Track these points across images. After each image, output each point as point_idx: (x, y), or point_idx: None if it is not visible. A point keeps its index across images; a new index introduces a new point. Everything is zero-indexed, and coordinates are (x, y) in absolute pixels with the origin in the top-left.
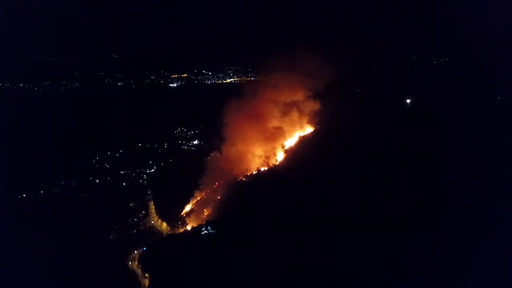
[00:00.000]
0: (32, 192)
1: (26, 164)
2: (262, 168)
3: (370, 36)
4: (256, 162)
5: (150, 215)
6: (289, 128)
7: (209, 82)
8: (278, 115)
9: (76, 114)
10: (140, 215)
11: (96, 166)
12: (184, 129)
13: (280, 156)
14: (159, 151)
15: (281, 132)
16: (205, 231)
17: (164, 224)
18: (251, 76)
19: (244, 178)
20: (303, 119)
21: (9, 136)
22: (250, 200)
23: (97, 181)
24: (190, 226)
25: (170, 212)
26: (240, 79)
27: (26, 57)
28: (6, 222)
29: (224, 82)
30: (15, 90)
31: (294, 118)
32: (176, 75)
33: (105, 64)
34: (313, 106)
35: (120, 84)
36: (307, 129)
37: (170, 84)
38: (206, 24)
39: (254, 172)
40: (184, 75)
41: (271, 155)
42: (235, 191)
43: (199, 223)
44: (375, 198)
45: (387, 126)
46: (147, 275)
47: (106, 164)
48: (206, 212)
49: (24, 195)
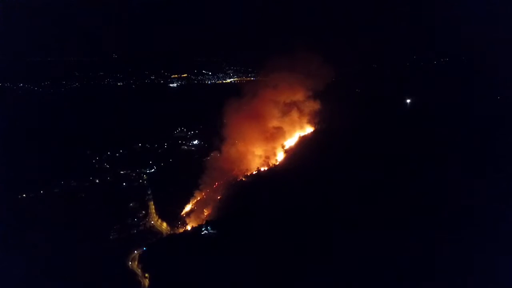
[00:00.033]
0: (32, 192)
1: (26, 164)
2: (262, 168)
3: (370, 36)
4: (256, 162)
5: (150, 215)
6: (289, 128)
7: (209, 82)
8: (278, 115)
9: (76, 114)
10: (140, 215)
11: (96, 166)
12: (184, 129)
13: (280, 156)
14: (159, 151)
15: (281, 132)
16: (205, 231)
17: (164, 224)
18: (251, 76)
19: (244, 178)
20: (303, 119)
21: (9, 136)
22: (250, 200)
23: (97, 181)
24: (190, 226)
25: (170, 212)
26: (240, 79)
27: (26, 57)
28: (6, 222)
29: (224, 82)
30: (15, 90)
31: (294, 118)
32: (176, 75)
33: (105, 64)
34: (313, 106)
35: (120, 84)
36: (307, 129)
37: (170, 84)
38: (206, 24)
39: (254, 172)
40: (184, 75)
41: (271, 155)
42: (235, 191)
43: (199, 223)
44: (375, 198)
45: (387, 126)
46: (147, 275)
47: (106, 164)
48: (206, 212)
49: (24, 195)
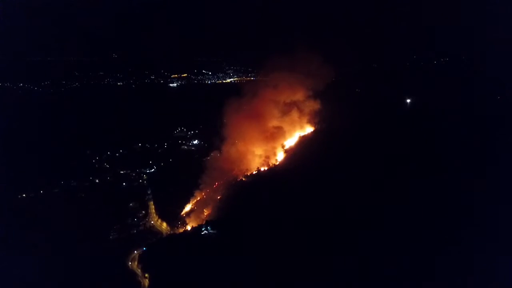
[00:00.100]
0: (32, 192)
1: (26, 164)
2: (262, 168)
3: (370, 36)
4: (256, 162)
5: (150, 215)
6: (289, 128)
7: (209, 82)
8: (278, 115)
9: (76, 114)
10: (140, 215)
11: (96, 166)
12: (184, 129)
13: (280, 156)
14: (159, 151)
15: (281, 132)
16: (205, 231)
17: (164, 224)
18: (251, 76)
19: (244, 178)
20: (303, 119)
21: (9, 136)
22: (250, 200)
23: (97, 181)
24: (190, 226)
25: (170, 212)
26: (240, 79)
27: (26, 57)
28: (6, 222)
29: (224, 82)
30: (15, 90)
31: (294, 118)
32: (176, 75)
33: (105, 64)
34: (313, 106)
35: (120, 84)
36: (307, 129)
37: (170, 84)
38: (206, 24)
39: (254, 172)
40: (184, 75)
41: (271, 155)
42: (235, 191)
43: (199, 223)
44: (375, 198)
45: (387, 126)
46: (147, 275)
47: (106, 164)
48: (206, 212)
49: (24, 195)
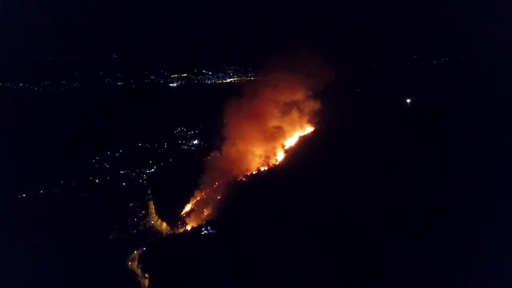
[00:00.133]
0: (32, 192)
1: (26, 164)
2: (262, 168)
3: (370, 36)
4: (256, 162)
5: (150, 215)
6: (289, 127)
7: (209, 82)
8: (278, 114)
9: (76, 114)
10: (140, 215)
11: (96, 166)
12: (184, 129)
13: (280, 156)
14: (159, 151)
15: (281, 132)
16: (205, 231)
17: (164, 224)
18: (251, 76)
19: (244, 178)
20: (303, 118)
21: (9, 136)
22: (250, 200)
23: (97, 181)
24: (190, 226)
25: (170, 212)
26: (240, 79)
27: (26, 57)
28: (6, 222)
29: (224, 81)
30: (15, 90)
31: (294, 118)
32: (176, 75)
33: (105, 64)
34: (313, 106)
35: (120, 84)
36: (307, 129)
37: (170, 84)
38: (206, 24)
39: (254, 172)
40: (184, 75)
41: (271, 155)
42: (235, 191)
43: (199, 223)
44: (375, 198)
45: (387, 126)
46: (147, 275)
47: (106, 164)
48: (206, 212)
49: (24, 195)
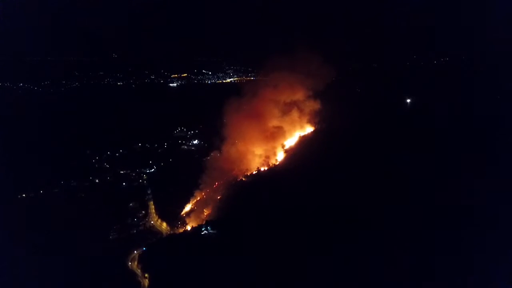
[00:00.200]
0: (32, 192)
1: (26, 164)
2: (262, 168)
3: (370, 36)
4: (256, 161)
5: (150, 215)
6: (289, 127)
7: (209, 82)
8: (278, 114)
9: (76, 114)
10: (140, 215)
11: (96, 166)
12: (184, 129)
13: (280, 156)
14: (159, 151)
15: (281, 132)
16: (205, 231)
17: (164, 224)
18: (251, 76)
19: (244, 178)
20: (303, 118)
21: (9, 136)
22: (250, 200)
23: (97, 181)
24: (190, 226)
25: (170, 212)
26: (240, 78)
27: (26, 57)
28: (6, 222)
29: (224, 81)
30: (15, 90)
31: (294, 118)
32: (176, 75)
33: (105, 64)
34: (313, 106)
35: (120, 84)
36: (307, 128)
37: (170, 84)
38: (206, 24)
39: (254, 172)
40: (184, 75)
41: (271, 155)
42: (235, 191)
43: (199, 223)
44: (375, 197)
45: (387, 126)
46: (147, 275)
47: (106, 164)
48: (206, 212)
49: (24, 195)
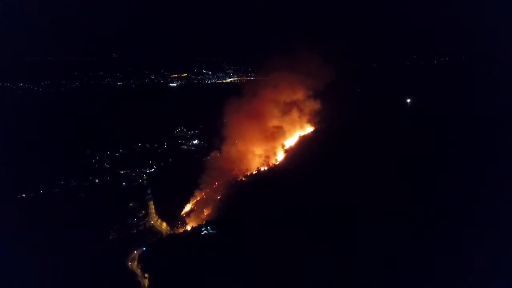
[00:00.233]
0: (32, 192)
1: (26, 164)
2: (262, 168)
3: (370, 36)
4: (256, 161)
5: (150, 215)
6: (289, 127)
7: (209, 82)
8: (278, 114)
9: (76, 114)
10: (140, 215)
11: (96, 166)
12: (184, 129)
13: (280, 156)
14: (159, 151)
15: (281, 132)
16: (205, 231)
17: (164, 224)
18: (251, 76)
19: (244, 178)
20: (303, 118)
21: (9, 136)
22: (250, 200)
23: (97, 181)
24: (190, 226)
25: (170, 212)
26: (240, 78)
27: (26, 57)
28: (6, 222)
29: (224, 81)
30: (15, 90)
31: (294, 118)
32: (176, 75)
33: (105, 64)
34: (313, 106)
35: (120, 84)
36: (307, 128)
37: (170, 84)
38: (206, 24)
39: (254, 172)
40: (184, 74)
41: (271, 155)
42: (235, 191)
43: (199, 223)
44: (375, 198)
45: (387, 126)
46: (146, 275)
47: (106, 164)
48: (206, 212)
49: (24, 195)
